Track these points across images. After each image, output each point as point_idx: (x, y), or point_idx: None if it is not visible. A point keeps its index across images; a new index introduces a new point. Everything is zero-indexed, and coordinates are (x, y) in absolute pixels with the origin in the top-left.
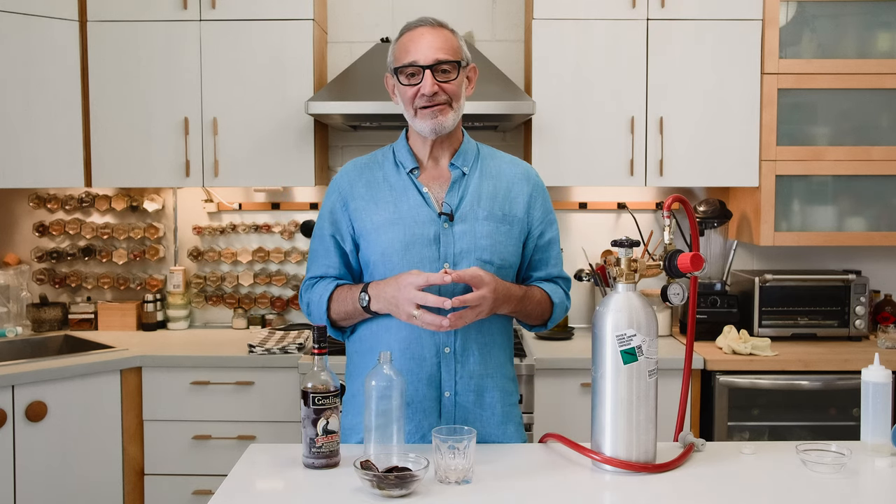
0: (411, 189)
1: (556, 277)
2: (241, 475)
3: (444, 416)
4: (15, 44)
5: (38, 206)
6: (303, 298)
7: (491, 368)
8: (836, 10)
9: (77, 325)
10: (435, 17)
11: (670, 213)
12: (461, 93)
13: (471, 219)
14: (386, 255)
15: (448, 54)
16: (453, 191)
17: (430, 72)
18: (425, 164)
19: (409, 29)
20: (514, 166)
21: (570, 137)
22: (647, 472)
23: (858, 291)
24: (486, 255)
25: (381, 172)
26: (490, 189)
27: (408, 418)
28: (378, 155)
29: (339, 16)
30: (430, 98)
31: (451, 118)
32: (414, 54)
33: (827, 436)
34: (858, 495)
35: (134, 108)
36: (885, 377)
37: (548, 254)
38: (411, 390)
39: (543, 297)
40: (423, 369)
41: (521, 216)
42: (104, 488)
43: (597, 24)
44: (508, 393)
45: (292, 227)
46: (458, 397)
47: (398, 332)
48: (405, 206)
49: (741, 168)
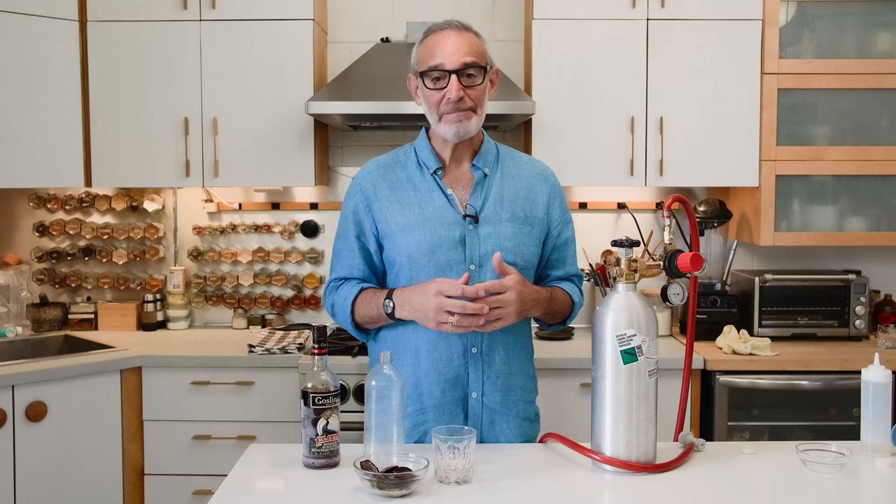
0: (436, 190)
1: (573, 276)
2: (241, 475)
3: (471, 417)
4: (15, 44)
5: (38, 206)
6: (327, 300)
7: (514, 367)
8: (836, 10)
9: (77, 325)
10: (460, 20)
11: (670, 213)
12: (485, 98)
13: (494, 220)
14: (412, 257)
15: (475, 58)
16: (476, 192)
17: (455, 77)
18: (447, 165)
19: (434, 31)
20: (532, 166)
21: (570, 137)
22: (647, 472)
23: (858, 291)
24: (511, 256)
25: (404, 173)
26: (511, 191)
27: (433, 421)
28: (400, 154)
29: (339, 16)
30: (455, 104)
31: (475, 123)
32: (440, 57)
33: (827, 436)
34: (858, 495)
35: (134, 108)
36: (885, 377)
37: (565, 252)
38: (437, 392)
39: (565, 297)
40: (450, 370)
41: (542, 217)
42: (104, 488)
43: (597, 24)
44: (528, 391)
45: (292, 227)
46: (485, 398)
47: (425, 333)
48: (430, 208)
49: (741, 168)
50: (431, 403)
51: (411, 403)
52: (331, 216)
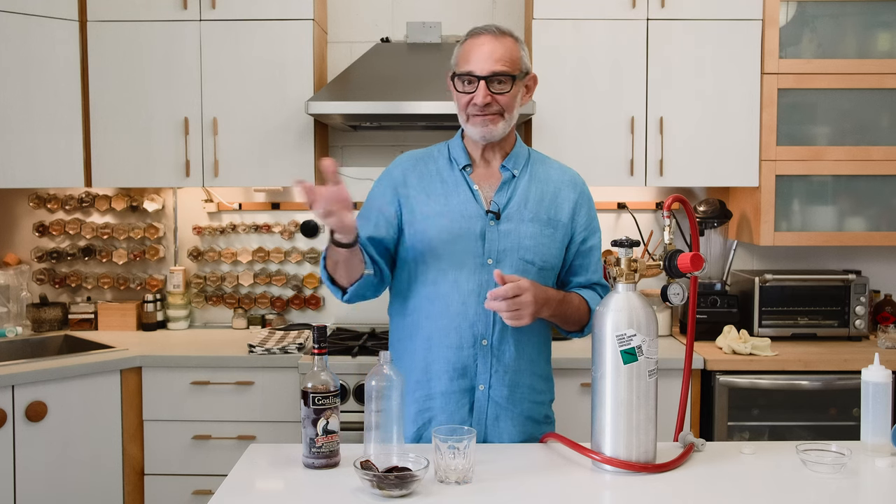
0: (462, 185)
1: (595, 284)
2: (241, 475)
3: (477, 409)
4: (15, 44)
5: (38, 206)
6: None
7: (524, 365)
8: (836, 10)
9: (77, 325)
10: (500, 25)
11: (670, 213)
12: (514, 104)
13: (516, 219)
14: (432, 244)
15: (505, 66)
16: (502, 191)
17: (484, 83)
18: (477, 163)
19: (473, 35)
20: (562, 173)
21: (570, 137)
22: (647, 472)
23: (858, 291)
24: (529, 255)
25: (434, 166)
26: (537, 193)
27: (439, 409)
28: (434, 150)
29: (339, 16)
30: (481, 108)
31: (502, 128)
32: (472, 63)
33: (827, 436)
34: (858, 495)
35: (134, 108)
36: (885, 377)
37: (588, 260)
38: (445, 380)
39: (582, 302)
40: (460, 359)
41: (566, 222)
42: (104, 488)
43: (597, 24)
44: (537, 391)
45: (292, 227)
46: (491, 391)
47: (438, 320)
48: (455, 201)
49: (741, 168)
50: (439, 390)
51: (419, 389)
52: None
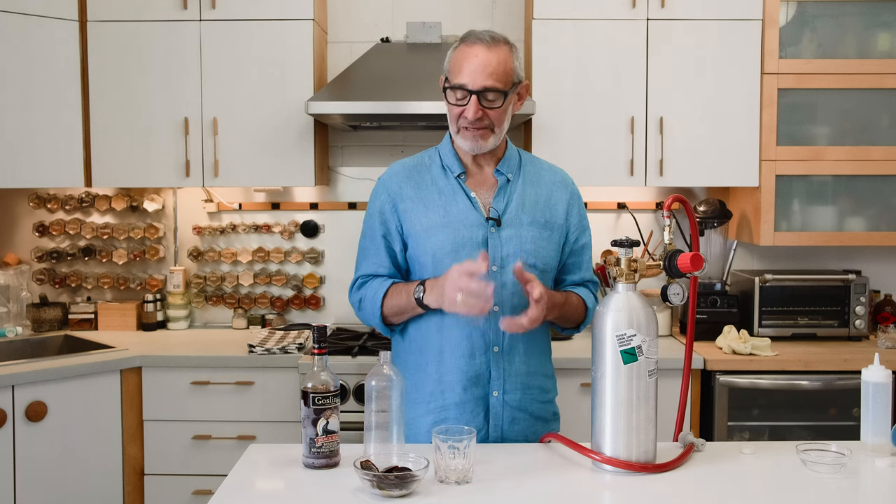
0: (460, 193)
1: (588, 281)
2: (241, 475)
3: (493, 416)
4: (15, 44)
5: (38, 206)
6: (353, 296)
7: (533, 367)
8: (836, 10)
9: (77, 325)
10: (493, 32)
11: (670, 213)
12: (505, 118)
13: (516, 224)
14: (436, 257)
15: (497, 81)
16: (500, 196)
17: (475, 98)
18: (470, 169)
19: (467, 42)
20: (552, 173)
21: (570, 137)
22: (647, 472)
23: (858, 291)
24: (531, 259)
25: (428, 175)
26: (532, 196)
27: (454, 419)
28: (424, 157)
29: (339, 16)
30: (472, 122)
31: (492, 141)
32: (465, 76)
33: (827, 436)
34: (858, 495)
35: (134, 108)
36: (885, 377)
37: (581, 258)
38: (459, 390)
39: (580, 302)
40: (472, 368)
41: (561, 223)
42: (104, 488)
43: (597, 24)
44: (545, 391)
45: (292, 227)
46: (505, 396)
47: (449, 331)
48: (454, 210)
49: (741, 168)
50: (454, 401)
51: (434, 400)
52: (331, 216)
